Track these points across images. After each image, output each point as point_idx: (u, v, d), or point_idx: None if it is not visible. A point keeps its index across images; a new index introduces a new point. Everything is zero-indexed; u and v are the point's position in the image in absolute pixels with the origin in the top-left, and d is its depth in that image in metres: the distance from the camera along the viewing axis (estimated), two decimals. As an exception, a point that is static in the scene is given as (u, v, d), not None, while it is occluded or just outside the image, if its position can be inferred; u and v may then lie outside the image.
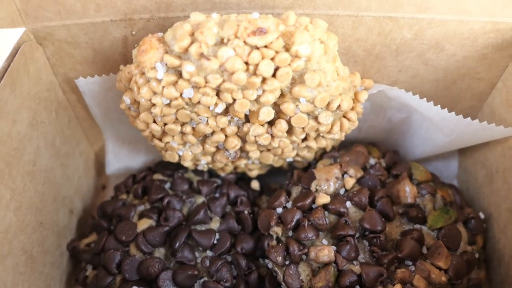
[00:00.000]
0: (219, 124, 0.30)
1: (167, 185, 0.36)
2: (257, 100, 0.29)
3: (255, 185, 0.37)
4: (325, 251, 0.30)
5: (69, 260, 0.35)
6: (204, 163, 0.34)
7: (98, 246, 0.33)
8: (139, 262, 0.32)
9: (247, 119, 0.31)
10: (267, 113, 0.29)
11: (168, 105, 0.29)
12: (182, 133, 0.32)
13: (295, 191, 0.34)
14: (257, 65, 0.26)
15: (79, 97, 0.35)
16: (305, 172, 0.36)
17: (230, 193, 0.35)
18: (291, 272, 0.31)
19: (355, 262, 0.30)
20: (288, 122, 0.30)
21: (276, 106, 0.30)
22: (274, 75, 0.27)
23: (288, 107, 0.29)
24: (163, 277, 0.31)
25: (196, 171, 0.37)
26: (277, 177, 0.41)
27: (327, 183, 0.33)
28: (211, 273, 0.31)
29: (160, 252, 0.33)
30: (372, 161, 0.36)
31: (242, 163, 0.35)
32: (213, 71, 0.27)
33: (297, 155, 0.35)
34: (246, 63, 0.26)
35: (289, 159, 0.35)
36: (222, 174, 0.37)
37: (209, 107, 0.29)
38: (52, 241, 0.33)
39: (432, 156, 0.40)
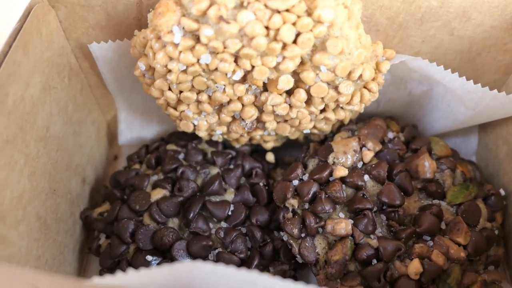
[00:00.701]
0: (236, 92, 0.29)
1: (181, 156, 0.35)
2: (276, 68, 0.28)
3: (270, 157, 0.37)
4: (342, 224, 0.30)
5: (81, 229, 0.35)
6: (219, 134, 0.34)
7: (111, 215, 0.33)
8: (153, 232, 0.31)
9: (265, 88, 0.30)
10: (286, 82, 0.28)
11: (184, 71, 0.28)
12: (198, 102, 0.31)
13: (312, 163, 0.33)
14: (278, 30, 0.25)
15: (91, 64, 0.35)
16: (321, 145, 0.35)
17: (245, 165, 0.35)
18: (307, 244, 0.30)
19: (372, 236, 0.30)
20: (307, 91, 0.29)
21: (295, 74, 0.29)
22: (295, 41, 0.26)
23: (308, 75, 0.28)
24: (177, 247, 0.31)
25: (210, 142, 0.36)
26: (292, 151, 0.40)
27: (345, 156, 0.32)
28: (226, 244, 0.31)
29: (174, 223, 0.32)
30: (390, 135, 0.35)
31: (257, 134, 0.34)
32: (232, 35, 0.26)
33: (314, 127, 0.34)
34: (267, 27, 0.25)
35: (306, 131, 0.34)
36: (237, 145, 0.36)
37: (226, 74, 0.28)
38: (65, 209, 0.32)
39: (451, 132, 0.39)
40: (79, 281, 0.19)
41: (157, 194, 0.33)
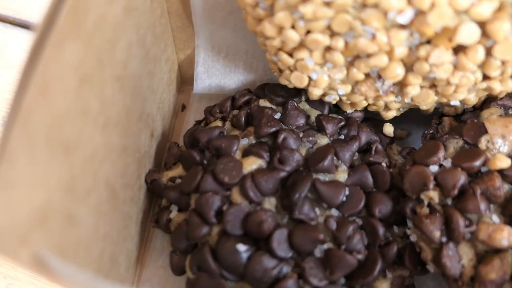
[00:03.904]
0: (392, 41, 0.21)
1: (277, 116, 0.28)
2: (463, 11, 0.19)
3: (388, 129, 0.29)
4: (505, 233, 0.22)
5: (145, 195, 0.28)
6: (341, 93, 0.26)
7: (189, 184, 0.25)
8: (246, 214, 0.24)
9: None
10: (469, 33, 0.20)
11: (328, 3, 0.20)
12: (328, 48, 0.23)
13: (453, 145, 0.25)
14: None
15: (176, -17, 0.26)
16: (457, 121, 0.27)
17: (361, 137, 0.27)
18: (450, 253, 0.23)
19: (539, 252, 0.23)
20: (488, 50, 0.21)
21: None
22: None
23: (500, 27, 0.20)
24: (278, 237, 0.24)
25: (312, 102, 0.28)
26: (401, 123, 0.32)
27: (504, 141, 0.25)
28: (339, 239, 0.24)
29: (270, 203, 0.25)
30: (556, 117, 0.27)
31: (387, 99, 0.26)
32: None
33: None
34: None
35: (454, 102, 0.26)
36: (349, 110, 0.28)
37: (386, 14, 0.20)
38: (133, 171, 0.25)
39: None
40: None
41: (251, 164, 0.25)
